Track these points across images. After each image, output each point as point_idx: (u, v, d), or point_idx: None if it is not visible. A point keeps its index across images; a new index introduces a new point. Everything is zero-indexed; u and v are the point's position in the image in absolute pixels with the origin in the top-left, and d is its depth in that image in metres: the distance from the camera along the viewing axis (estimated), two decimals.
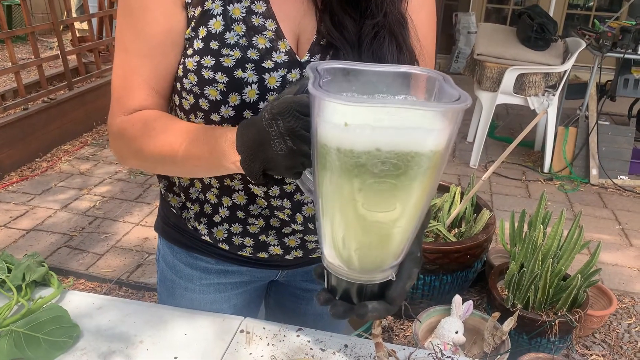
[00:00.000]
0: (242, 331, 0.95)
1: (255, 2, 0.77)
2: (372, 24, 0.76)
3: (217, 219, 0.92)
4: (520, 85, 3.72)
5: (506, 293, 2.12)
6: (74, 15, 5.43)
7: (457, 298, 1.92)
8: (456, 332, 1.88)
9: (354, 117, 0.49)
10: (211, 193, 0.90)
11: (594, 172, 3.79)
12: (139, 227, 3.04)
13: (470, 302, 1.93)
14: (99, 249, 2.82)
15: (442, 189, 2.57)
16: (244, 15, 0.76)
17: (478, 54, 3.88)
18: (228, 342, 0.92)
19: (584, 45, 3.67)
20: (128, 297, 2.47)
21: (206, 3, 0.75)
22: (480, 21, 6.80)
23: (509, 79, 3.68)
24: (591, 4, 6.88)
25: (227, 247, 0.95)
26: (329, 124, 0.50)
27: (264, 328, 0.96)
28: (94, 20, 5.07)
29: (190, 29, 0.77)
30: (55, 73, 4.94)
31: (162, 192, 0.99)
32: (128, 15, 0.77)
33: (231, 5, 0.76)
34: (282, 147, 0.59)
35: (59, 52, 4.20)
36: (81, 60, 4.58)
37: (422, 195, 0.55)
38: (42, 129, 3.94)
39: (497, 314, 1.88)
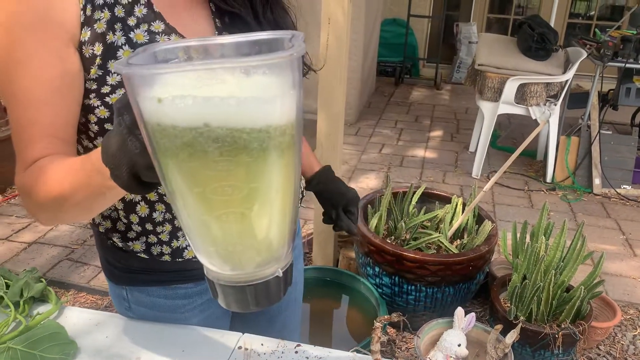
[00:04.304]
0: (240, 347, 0.94)
1: (152, 23, 0.78)
2: None
3: (131, 234, 0.91)
4: (522, 95, 3.72)
5: (509, 305, 2.11)
6: None
7: (460, 310, 1.91)
8: (459, 345, 1.86)
9: (166, 88, 0.44)
10: (116, 212, 0.89)
11: (596, 181, 3.78)
12: None
13: (473, 314, 1.91)
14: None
15: (444, 199, 2.57)
16: (148, 38, 0.77)
17: (479, 64, 3.89)
18: (226, 358, 0.92)
19: (585, 54, 3.67)
20: None
21: (107, 37, 0.74)
22: (481, 31, 6.83)
23: (510, 89, 3.68)
24: (592, 13, 6.90)
25: (146, 257, 0.93)
26: (144, 99, 0.45)
27: (262, 344, 0.95)
28: None
29: (96, 67, 0.74)
30: None
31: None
32: (14, 66, 0.71)
33: (132, 32, 0.76)
34: (136, 144, 0.52)
35: None
36: None
37: (277, 177, 0.49)
38: None
39: (499, 327, 1.87)
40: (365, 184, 3.87)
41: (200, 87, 0.43)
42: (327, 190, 1.13)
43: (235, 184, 0.47)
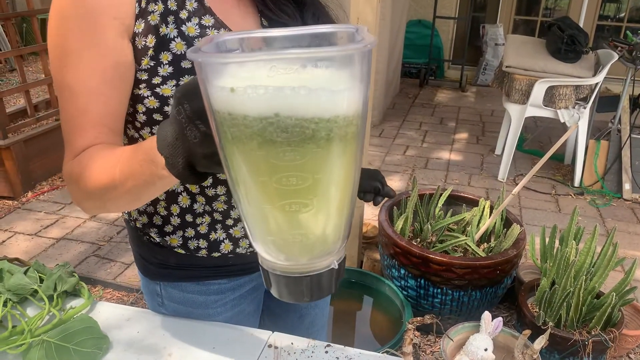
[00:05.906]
0: (270, 346, 0.94)
1: (202, 17, 0.79)
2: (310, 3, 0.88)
3: (169, 228, 0.92)
4: (550, 98, 3.66)
5: (536, 310, 2.07)
6: None
7: (487, 314, 1.88)
8: (485, 350, 1.83)
9: (239, 78, 0.44)
10: (160, 206, 0.90)
11: (626, 186, 3.70)
12: None
13: (500, 318, 1.88)
14: (127, 259, 2.85)
15: (471, 202, 2.54)
16: (199, 32, 0.78)
17: (507, 66, 3.84)
18: (257, 356, 0.91)
19: (616, 57, 3.60)
20: None
21: (160, 29, 0.75)
22: (508, 33, 6.74)
23: (539, 91, 3.63)
24: (622, 15, 6.77)
25: (183, 251, 0.95)
26: (216, 88, 0.45)
27: (292, 343, 0.95)
28: None
29: (148, 58, 0.75)
30: None
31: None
32: (69, 55, 0.72)
33: (184, 25, 0.77)
34: (195, 133, 0.52)
35: None
36: None
37: (340, 169, 0.49)
38: None
39: (528, 332, 1.83)
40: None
41: (272, 77, 0.43)
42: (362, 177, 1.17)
43: (300, 174, 0.47)
